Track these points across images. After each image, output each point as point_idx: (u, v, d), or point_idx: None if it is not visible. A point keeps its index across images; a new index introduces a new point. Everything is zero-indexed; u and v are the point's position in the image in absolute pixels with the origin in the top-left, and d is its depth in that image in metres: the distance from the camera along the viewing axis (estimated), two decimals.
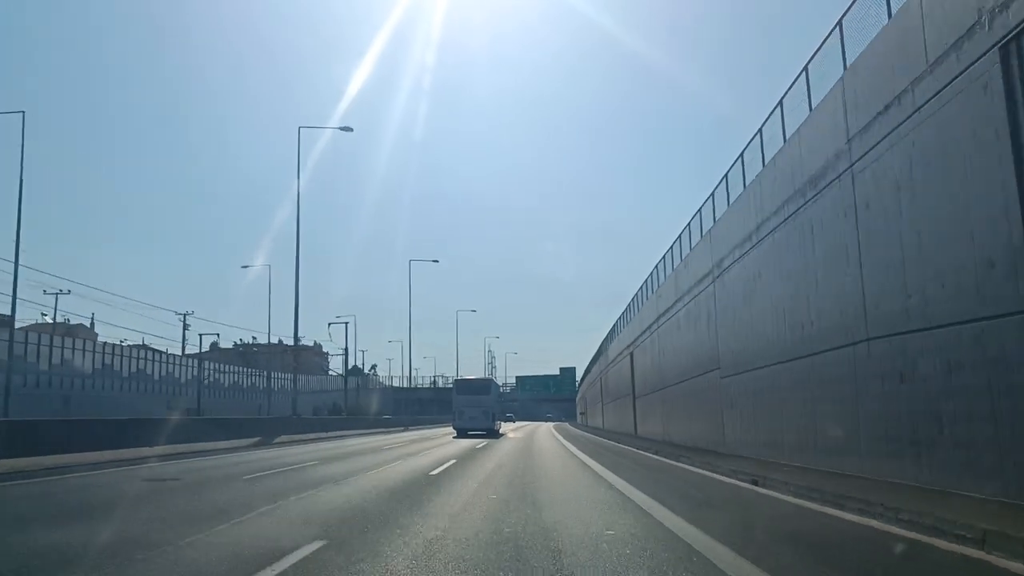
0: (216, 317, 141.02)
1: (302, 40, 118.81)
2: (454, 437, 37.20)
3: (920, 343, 9.06)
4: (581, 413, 59.06)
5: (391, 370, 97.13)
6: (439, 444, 29.02)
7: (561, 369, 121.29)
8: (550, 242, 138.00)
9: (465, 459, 19.20)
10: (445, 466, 16.34)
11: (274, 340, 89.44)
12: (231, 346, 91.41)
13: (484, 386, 44.53)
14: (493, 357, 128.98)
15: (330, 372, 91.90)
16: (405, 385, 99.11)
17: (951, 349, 8.38)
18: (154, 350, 62.80)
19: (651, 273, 32.11)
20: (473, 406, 41.22)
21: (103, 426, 23.18)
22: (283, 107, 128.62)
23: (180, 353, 62.20)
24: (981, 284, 7.86)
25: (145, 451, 19.53)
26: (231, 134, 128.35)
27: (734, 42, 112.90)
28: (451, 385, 71.90)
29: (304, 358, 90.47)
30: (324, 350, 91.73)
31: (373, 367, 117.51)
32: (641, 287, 35.56)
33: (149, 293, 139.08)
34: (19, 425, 20.76)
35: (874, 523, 7.47)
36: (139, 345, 63.29)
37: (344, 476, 13.64)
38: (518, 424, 78.71)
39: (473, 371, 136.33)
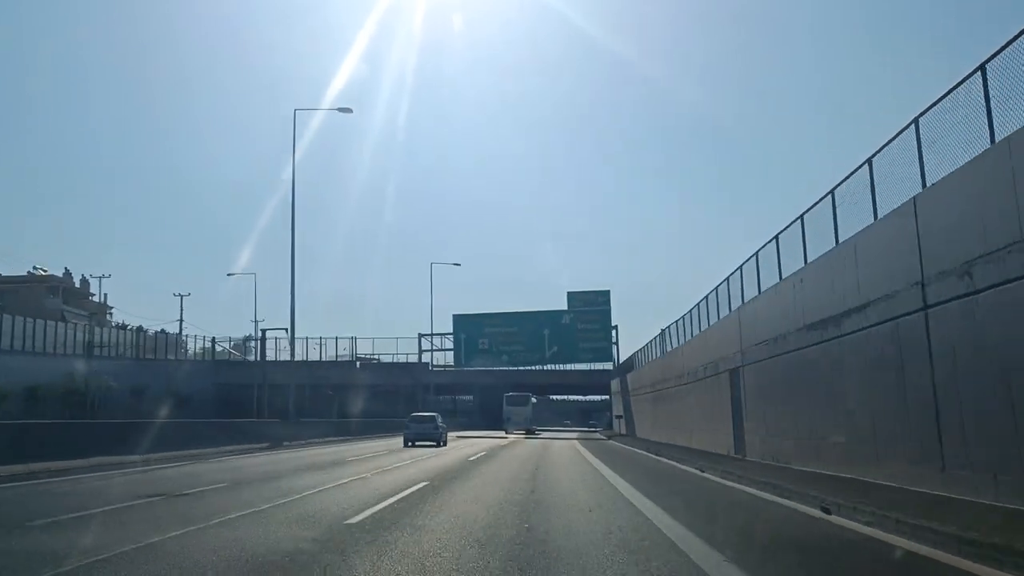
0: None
1: (293, 42, 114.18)
2: (505, 434, 51.27)
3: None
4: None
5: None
6: None
7: (571, 295, 60.54)
8: (542, 241, 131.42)
9: None
10: None
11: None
12: None
13: (525, 399, 59.31)
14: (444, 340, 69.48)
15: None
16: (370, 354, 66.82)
17: None
18: None
19: None
20: (518, 414, 56.76)
21: None
22: (273, 106, 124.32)
23: None
24: None
25: None
26: (212, 132, 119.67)
27: (712, 39, 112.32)
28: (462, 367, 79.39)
29: (19, 295, 54.88)
30: (81, 287, 66.12)
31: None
32: None
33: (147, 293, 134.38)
34: None
35: None
36: None
37: None
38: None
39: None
